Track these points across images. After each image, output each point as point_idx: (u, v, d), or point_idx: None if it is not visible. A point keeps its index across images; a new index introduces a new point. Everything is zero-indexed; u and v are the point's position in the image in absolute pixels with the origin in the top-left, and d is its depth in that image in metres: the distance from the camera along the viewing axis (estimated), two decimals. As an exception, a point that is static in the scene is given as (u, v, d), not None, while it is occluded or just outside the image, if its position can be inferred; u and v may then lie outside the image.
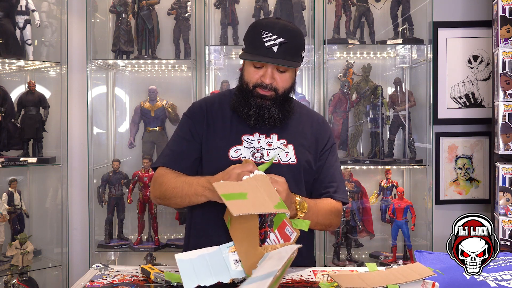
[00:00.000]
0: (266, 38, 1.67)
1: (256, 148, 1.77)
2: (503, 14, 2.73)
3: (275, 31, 1.67)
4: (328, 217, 1.77)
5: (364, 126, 3.21)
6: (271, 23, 1.71)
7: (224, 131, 1.80)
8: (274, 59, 1.68)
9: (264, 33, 1.68)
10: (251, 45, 1.72)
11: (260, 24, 1.72)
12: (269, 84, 1.72)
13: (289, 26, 1.72)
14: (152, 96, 3.18)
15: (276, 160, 1.76)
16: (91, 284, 1.48)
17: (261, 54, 1.68)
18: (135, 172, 3.10)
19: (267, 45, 1.67)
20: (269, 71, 1.71)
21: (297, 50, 1.74)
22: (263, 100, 1.74)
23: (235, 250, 1.46)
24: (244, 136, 1.78)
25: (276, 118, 1.75)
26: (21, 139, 3.11)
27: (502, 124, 2.72)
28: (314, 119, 1.92)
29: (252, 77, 1.74)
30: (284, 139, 1.80)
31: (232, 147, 1.77)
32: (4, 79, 3.28)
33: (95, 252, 3.08)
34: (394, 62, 3.31)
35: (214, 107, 1.85)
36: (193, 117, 1.86)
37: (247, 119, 1.76)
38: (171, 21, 3.20)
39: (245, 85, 1.77)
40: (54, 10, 3.23)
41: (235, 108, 1.79)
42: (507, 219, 2.70)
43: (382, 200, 3.13)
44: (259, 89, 1.73)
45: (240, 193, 1.43)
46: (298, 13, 3.10)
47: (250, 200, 1.41)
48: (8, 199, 3.00)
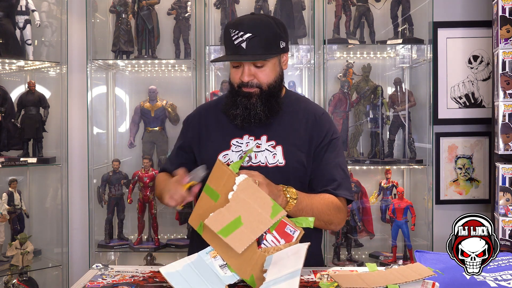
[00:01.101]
0: (234, 36, 1.67)
1: (244, 151, 1.76)
2: (503, 14, 2.73)
3: (242, 28, 1.66)
4: (326, 212, 1.68)
5: (364, 126, 3.21)
6: (239, 20, 1.71)
7: (216, 136, 1.82)
8: (242, 56, 1.67)
9: (232, 32, 1.68)
10: (225, 46, 1.74)
11: (229, 24, 1.71)
12: (249, 82, 1.71)
13: (258, 19, 1.70)
14: (152, 96, 3.18)
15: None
16: (91, 284, 1.48)
17: (232, 53, 1.69)
18: (135, 172, 3.10)
19: (236, 43, 1.67)
20: (246, 69, 1.71)
21: (269, 42, 1.69)
22: (249, 98, 1.73)
23: (217, 255, 1.44)
24: (234, 140, 1.78)
25: (262, 114, 1.73)
26: (21, 139, 3.11)
27: (502, 124, 2.72)
28: (311, 114, 1.83)
29: (234, 77, 1.76)
30: (273, 140, 1.77)
31: (221, 152, 1.77)
32: (4, 79, 3.28)
33: (95, 252, 3.08)
34: (394, 62, 3.31)
35: (209, 113, 1.89)
36: (187, 127, 1.94)
37: (235, 119, 1.76)
38: (171, 21, 3.20)
39: (231, 87, 1.78)
40: (54, 10, 3.23)
41: (224, 109, 1.81)
42: (507, 219, 2.70)
43: (382, 200, 3.13)
44: (244, 88, 1.74)
45: (234, 221, 1.39)
46: (298, 13, 3.10)
47: (246, 224, 1.38)
48: (8, 199, 3.00)
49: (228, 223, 1.39)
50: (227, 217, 1.40)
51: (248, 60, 1.68)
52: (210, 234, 1.44)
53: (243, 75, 1.71)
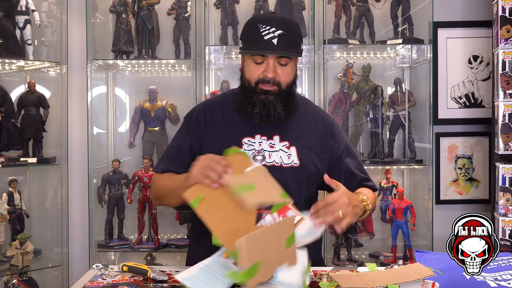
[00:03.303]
0: (264, 31, 1.66)
1: (257, 150, 1.74)
2: (503, 14, 2.73)
3: (272, 24, 1.66)
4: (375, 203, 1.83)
5: (364, 126, 3.21)
6: (267, 17, 1.71)
7: (224, 134, 1.78)
8: (276, 51, 1.66)
9: (262, 27, 1.66)
10: (250, 41, 1.71)
11: (256, 19, 1.71)
12: (272, 78, 1.69)
13: (286, 18, 1.72)
14: (152, 96, 3.18)
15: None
16: (91, 284, 1.48)
17: (261, 48, 1.67)
18: (135, 172, 3.10)
19: (266, 39, 1.65)
20: (271, 65, 1.69)
21: (297, 41, 1.72)
22: (267, 96, 1.71)
23: (229, 256, 1.44)
24: (245, 138, 1.76)
25: (282, 114, 1.73)
26: (21, 139, 3.11)
27: (502, 124, 2.72)
28: (320, 119, 1.87)
29: (254, 73, 1.72)
30: (286, 141, 1.77)
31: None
32: (4, 79, 3.28)
33: (95, 252, 3.08)
34: (394, 62, 3.31)
35: (214, 110, 1.83)
36: (190, 125, 1.85)
37: (252, 118, 1.73)
38: (171, 21, 3.20)
39: (247, 83, 1.74)
40: (54, 10, 3.22)
41: (239, 108, 1.76)
42: (507, 219, 2.70)
43: (382, 200, 3.12)
44: (262, 85, 1.71)
45: (249, 185, 1.47)
46: (298, 13, 3.10)
47: (258, 192, 1.46)
48: (8, 199, 3.00)
49: (244, 183, 1.47)
50: (244, 179, 1.48)
51: (285, 55, 1.68)
52: (206, 208, 1.45)
53: (267, 70, 1.69)
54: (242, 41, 1.75)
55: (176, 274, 1.56)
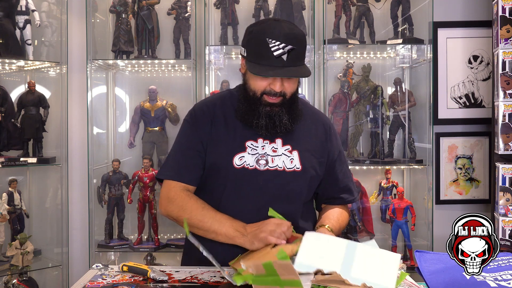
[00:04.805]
0: (274, 47, 1.61)
1: (260, 154, 1.72)
2: (503, 14, 2.73)
3: (281, 38, 1.62)
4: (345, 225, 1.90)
5: (364, 126, 3.21)
6: (276, 30, 1.63)
7: (227, 137, 1.75)
8: (287, 69, 1.63)
9: (271, 42, 1.62)
10: (257, 55, 1.65)
11: (263, 32, 1.64)
12: (278, 92, 1.68)
13: (294, 30, 1.66)
14: (152, 96, 3.18)
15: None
16: (91, 284, 1.48)
17: (271, 64, 1.63)
18: (135, 172, 3.10)
19: (276, 54, 1.61)
20: (279, 79, 1.66)
21: (303, 53, 1.70)
22: (272, 107, 1.69)
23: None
24: (248, 142, 1.74)
25: (288, 124, 1.71)
26: (21, 139, 3.11)
27: (502, 124, 2.72)
28: (320, 123, 1.86)
29: (260, 85, 1.68)
30: (289, 144, 1.76)
31: (236, 155, 1.71)
32: (4, 79, 3.28)
33: (95, 252, 3.08)
34: (394, 62, 3.31)
35: (216, 110, 1.79)
36: (196, 124, 1.79)
37: (258, 129, 1.71)
38: (171, 21, 3.20)
39: (252, 93, 1.71)
40: (54, 10, 3.22)
41: (243, 118, 1.73)
42: (507, 219, 2.70)
43: (382, 200, 3.13)
44: (267, 96, 1.68)
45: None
46: (298, 13, 3.10)
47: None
48: (8, 199, 3.01)
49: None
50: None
51: (298, 76, 1.66)
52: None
53: (274, 84, 1.66)
54: (247, 51, 1.70)
55: (176, 274, 1.56)
